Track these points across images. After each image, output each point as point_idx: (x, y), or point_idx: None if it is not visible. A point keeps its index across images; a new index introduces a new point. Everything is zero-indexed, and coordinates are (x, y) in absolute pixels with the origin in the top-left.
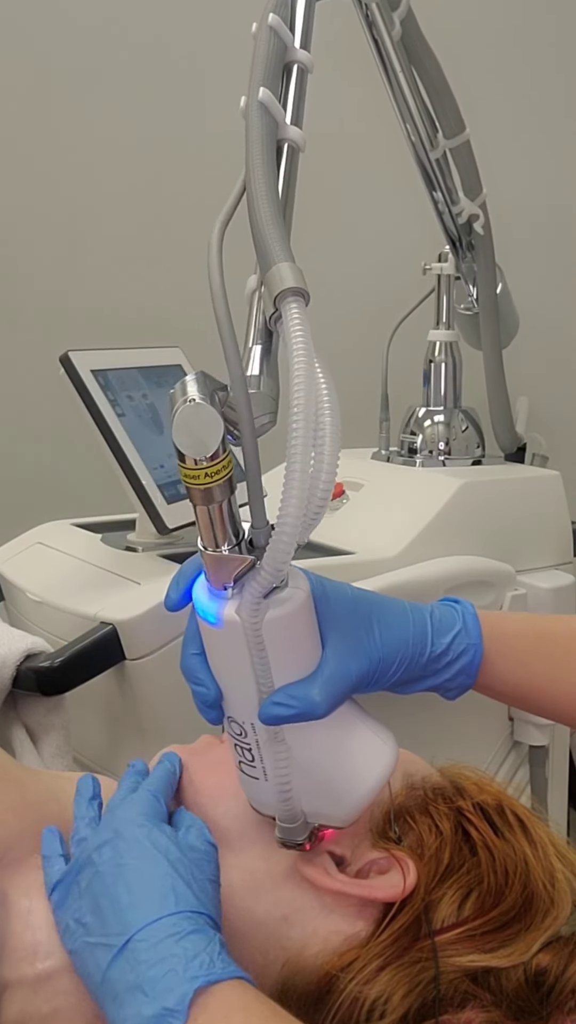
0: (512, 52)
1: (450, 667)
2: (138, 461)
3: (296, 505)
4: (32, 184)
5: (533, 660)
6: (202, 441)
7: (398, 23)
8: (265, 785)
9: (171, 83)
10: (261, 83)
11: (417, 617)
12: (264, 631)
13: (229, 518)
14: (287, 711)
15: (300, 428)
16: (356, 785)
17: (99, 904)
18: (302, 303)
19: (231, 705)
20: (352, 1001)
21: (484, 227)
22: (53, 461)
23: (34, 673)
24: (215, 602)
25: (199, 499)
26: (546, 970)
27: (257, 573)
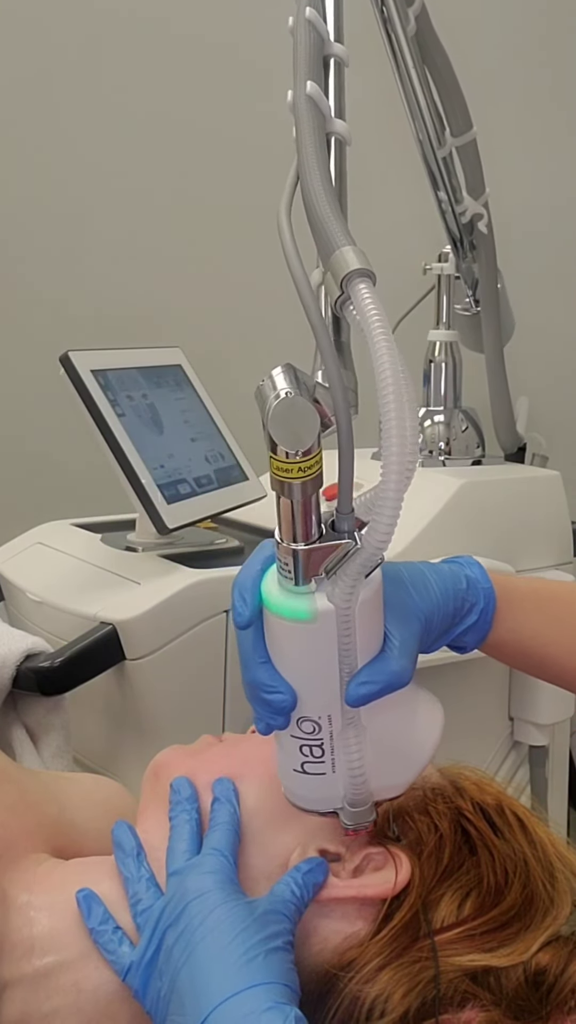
0: (514, 50)
1: (471, 613)
2: (138, 461)
3: (396, 479)
4: (32, 184)
5: (538, 614)
6: (298, 435)
7: (413, 19)
8: (332, 778)
9: (174, 83)
10: (307, 76)
11: (433, 572)
12: (356, 614)
13: (317, 511)
14: (374, 687)
15: (392, 401)
16: (424, 743)
17: (176, 985)
18: (370, 283)
19: (307, 703)
20: (352, 1000)
21: (487, 226)
22: (53, 461)
23: (34, 673)
24: (300, 598)
25: (289, 493)
26: (546, 970)
27: (359, 554)
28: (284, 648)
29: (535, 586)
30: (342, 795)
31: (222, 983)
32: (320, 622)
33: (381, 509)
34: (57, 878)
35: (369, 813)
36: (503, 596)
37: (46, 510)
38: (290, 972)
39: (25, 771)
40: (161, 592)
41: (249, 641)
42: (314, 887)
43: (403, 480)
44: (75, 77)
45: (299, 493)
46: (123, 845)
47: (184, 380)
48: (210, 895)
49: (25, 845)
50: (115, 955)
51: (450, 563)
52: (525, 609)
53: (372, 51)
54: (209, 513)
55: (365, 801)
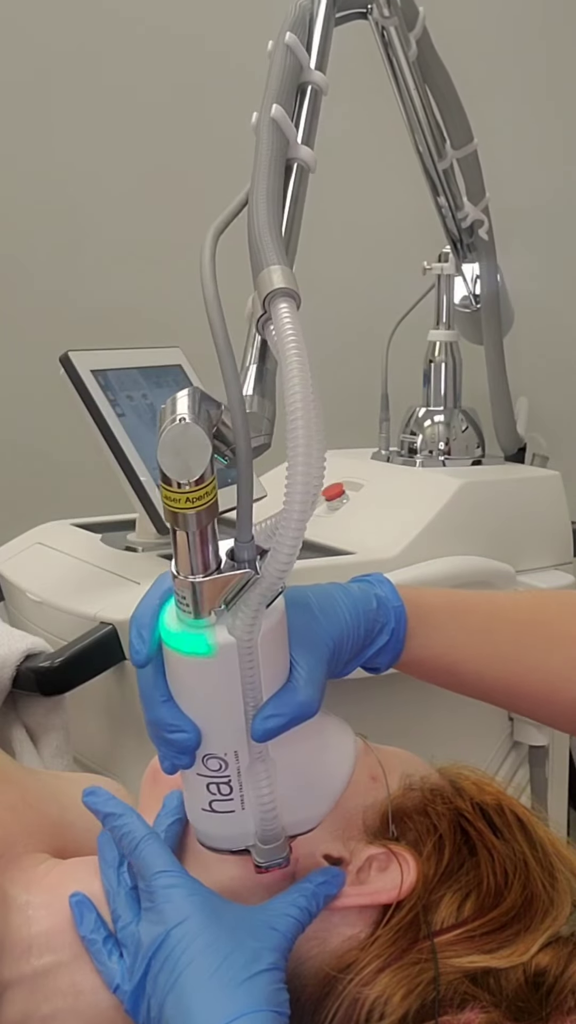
0: (514, 47)
1: (382, 633)
2: (138, 461)
3: (301, 506)
4: (32, 184)
5: (451, 628)
6: (187, 465)
7: (414, 44)
8: (242, 815)
9: (173, 83)
10: (274, 100)
11: (342, 593)
12: (259, 645)
13: (213, 542)
14: (281, 720)
15: (301, 428)
16: (336, 773)
17: (163, 1013)
18: (292, 303)
19: (212, 740)
20: (352, 1002)
21: (487, 232)
22: (53, 461)
23: (34, 673)
24: (200, 632)
25: (183, 524)
26: (546, 970)
27: (258, 584)
28: (186, 685)
29: (451, 600)
30: (253, 832)
31: (207, 1015)
32: (221, 656)
33: (283, 537)
34: (55, 878)
35: (282, 849)
36: (414, 613)
37: (46, 510)
38: (277, 994)
39: (25, 771)
40: None
41: (149, 679)
42: (326, 899)
43: (306, 508)
44: (75, 77)
45: (192, 523)
46: (105, 855)
47: (184, 380)
48: (191, 920)
49: (25, 845)
50: (105, 967)
51: (360, 582)
52: (437, 624)
53: (374, 59)
54: None
55: (278, 837)
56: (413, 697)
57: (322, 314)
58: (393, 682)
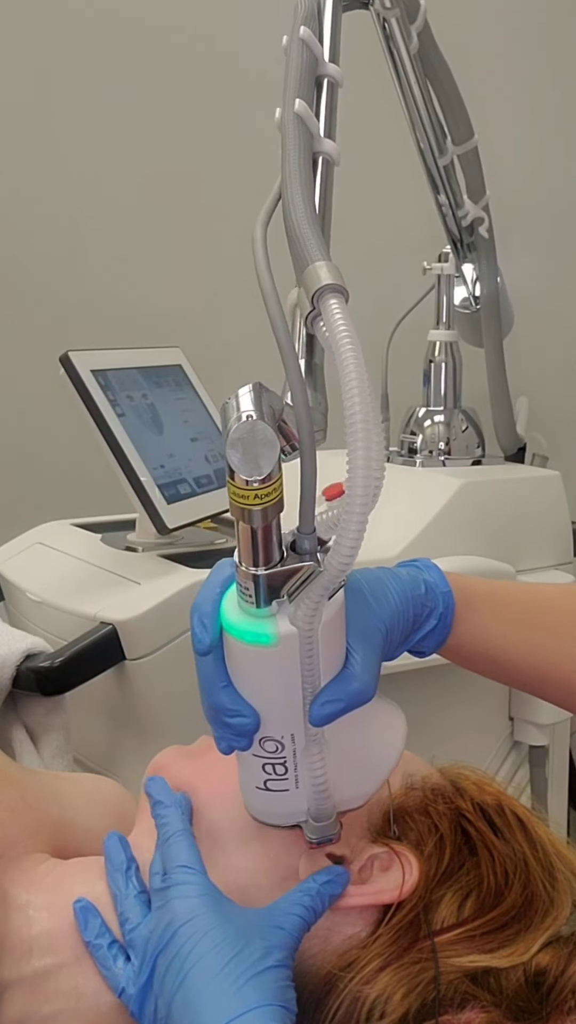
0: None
1: (430, 618)
2: (138, 461)
3: (362, 498)
4: (32, 183)
5: (495, 617)
6: (257, 462)
7: (415, 36)
8: (295, 793)
9: (174, 83)
10: (296, 95)
11: (392, 578)
12: (319, 636)
13: (277, 535)
14: (338, 706)
15: (359, 421)
16: (388, 753)
17: (171, 1012)
18: (342, 299)
19: (270, 724)
20: (352, 1001)
21: (488, 231)
22: (53, 461)
23: (34, 673)
24: (262, 622)
25: (248, 519)
26: (546, 970)
27: (320, 577)
28: (246, 671)
29: (492, 588)
30: (305, 809)
31: (215, 1012)
32: (282, 645)
33: (345, 530)
34: (56, 878)
35: (334, 826)
36: (461, 599)
37: (46, 510)
38: (285, 990)
39: (25, 771)
40: (161, 592)
41: (210, 666)
42: (331, 898)
43: (368, 501)
44: (75, 79)
45: (259, 520)
46: (112, 859)
47: (184, 380)
48: (198, 920)
49: (25, 845)
50: (110, 971)
51: (408, 567)
52: (482, 612)
53: (374, 55)
54: (209, 513)
55: (329, 815)
56: (413, 697)
57: None
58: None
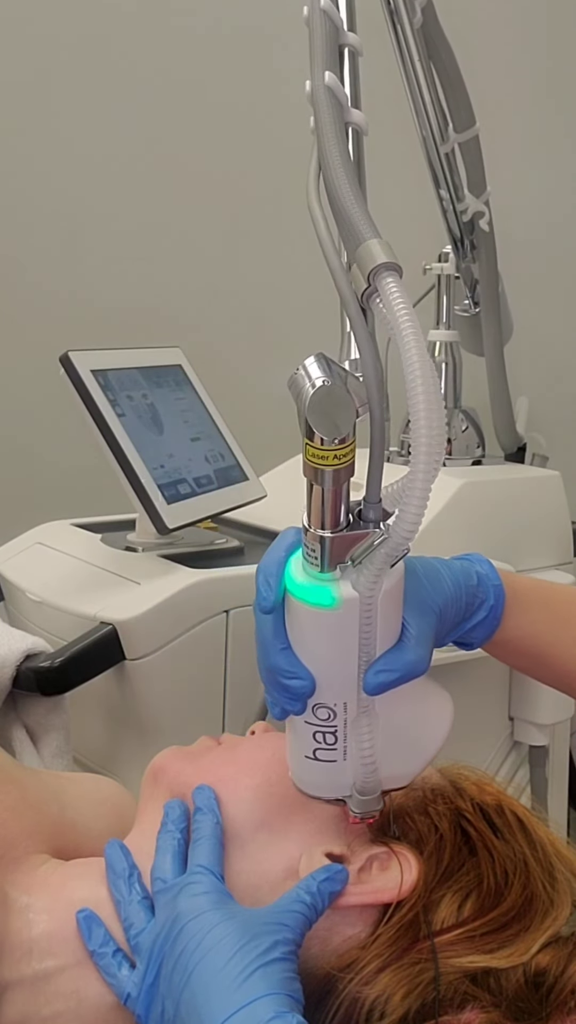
0: (514, 54)
1: (481, 609)
2: (138, 461)
3: (425, 470)
4: (32, 183)
5: (543, 614)
6: (336, 424)
7: (419, 11)
8: (342, 765)
9: (173, 79)
10: (325, 67)
11: (445, 567)
12: (379, 603)
13: (346, 499)
14: (392, 676)
15: (421, 394)
16: (434, 735)
17: (178, 1009)
18: (397, 276)
19: (324, 689)
20: (352, 1002)
21: (488, 223)
22: (53, 461)
23: (34, 673)
24: (325, 585)
25: (323, 480)
26: (546, 970)
27: (384, 545)
28: (305, 634)
29: (539, 585)
30: (350, 783)
31: (223, 1002)
32: (344, 609)
33: (409, 499)
34: (57, 880)
35: (377, 802)
36: (510, 594)
37: (46, 510)
38: (291, 981)
39: (27, 770)
40: (161, 592)
41: (270, 627)
42: (330, 896)
43: (431, 471)
44: (73, 76)
45: (331, 481)
46: (114, 866)
47: (184, 380)
48: (205, 916)
49: (26, 846)
50: (115, 979)
51: (460, 559)
52: (530, 608)
53: (374, 47)
54: (209, 513)
55: (375, 789)
56: None
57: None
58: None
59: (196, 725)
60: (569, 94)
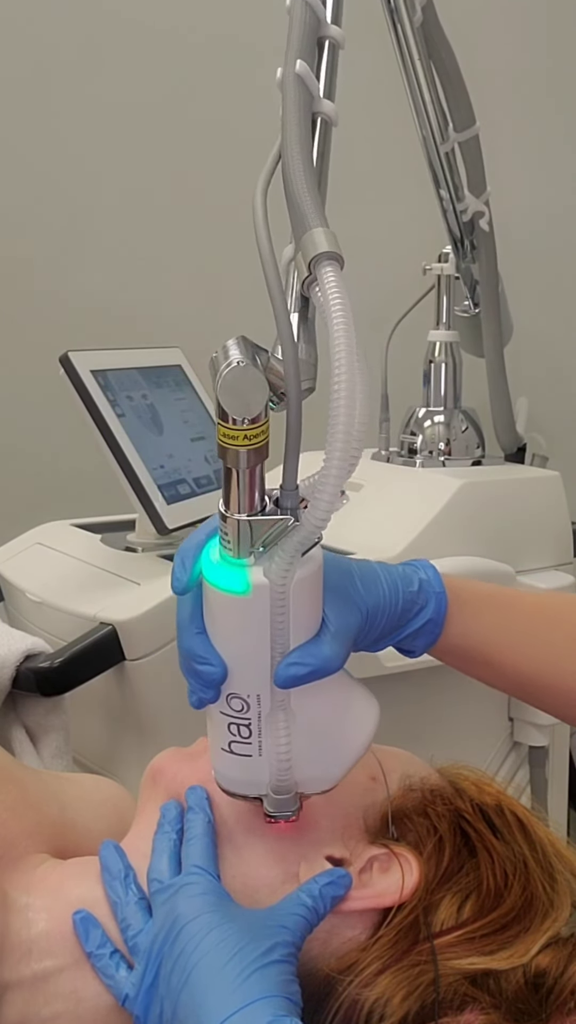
0: (514, 55)
1: (420, 616)
2: (138, 461)
3: (340, 461)
4: (32, 183)
5: (490, 621)
6: (247, 403)
7: (419, 9)
8: (258, 761)
9: (174, 83)
10: (298, 55)
11: (385, 570)
12: (291, 592)
13: (260, 483)
14: (304, 669)
15: (344, 386)
16: (354, 740)
17: (176, 1011)
18: (337, 266)
19: (236, 679)
20: (351, 1004)
21: (488, 223)
22: (53, 461)
23: (34, 674)
24: (237, 571)
25: (234, 461)
26: (546, 972)
27: (296, 531)
28: (218, 620)
29: (492, 592)
30: (267, 781)
31: (221, 1004)
32: (255, 596)
33: (322, 489)
34: (56, 879)
35: (292, 803)
36: (456, 601)
37: (46, 510)
38: (289, 984)
39: (27, 770)
40: (161, 592)
41: (187, 609)
42: (333, 900)
43: (345, 462)
44: (75, 77)
45: (244, 461)
46: (109, 867)
47: (184, 380)
48: (203, 917)
49: (25, 845)
50: (113, 980)
51: (406, 565)
52: (478, 615)
53: (375, 47)
54: (209, 513)
55: (289, 790)
56: (413, 697)
57: None
58: (394, 683)
59: (196, 726)
60: (569, 94)
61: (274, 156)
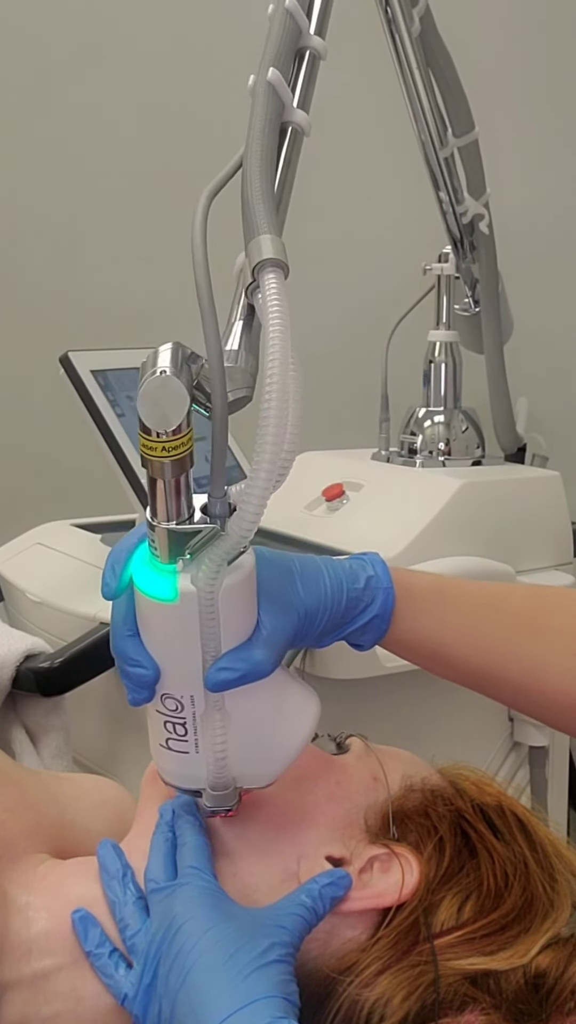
0: (514, 54)
1: (366, 612)
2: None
3: (267, 470)
4: (32, 183)
5: (439, 613)
6: (165, 415)
7: (417, 19)
8: (195, 757)
9: (173, 83)
10: (271, 64)
11: (331, 568)
12: (219, 599)
13: (185, 492)
14: (234, 674)
15: (276, 395)
16: (292, 738)
17: (174, 1010)
18: (280, 274)
19: (169, 681)
20: (351, 1004)
21: (488, 226)
22: (53, 461)
23: (34, 674)
24: (166, 578)
25: (155, 472)
26: (546, 972)
27: (223, 540)
28: (149, 624)
29: (441, 585)
30: (205, 776)
31: (219, 1004)
32: (183, 603)
33: (248, 498)
34: (55, 879)
35: (231, 798)
36: (404, 595)
37: (46, 510)
38: (287, 984)
39: (26, 771)
40: None
41: (120, 613)
42: (332, 901)
43: (273, 472)
44: (74, 77)
45: (167, 472)
46: (107, 867)
47: None
48: (201, 917)
49: (25, 846)
50: (112, 979)
51: (353, 560)
52: (426, 609)
53: (374, 51)
54: None
55: (226, 785)
56: (414, 698)
57: (322, 314)
58: (394, 683)
59: None
60: (568, 95)
61: (235, 162)
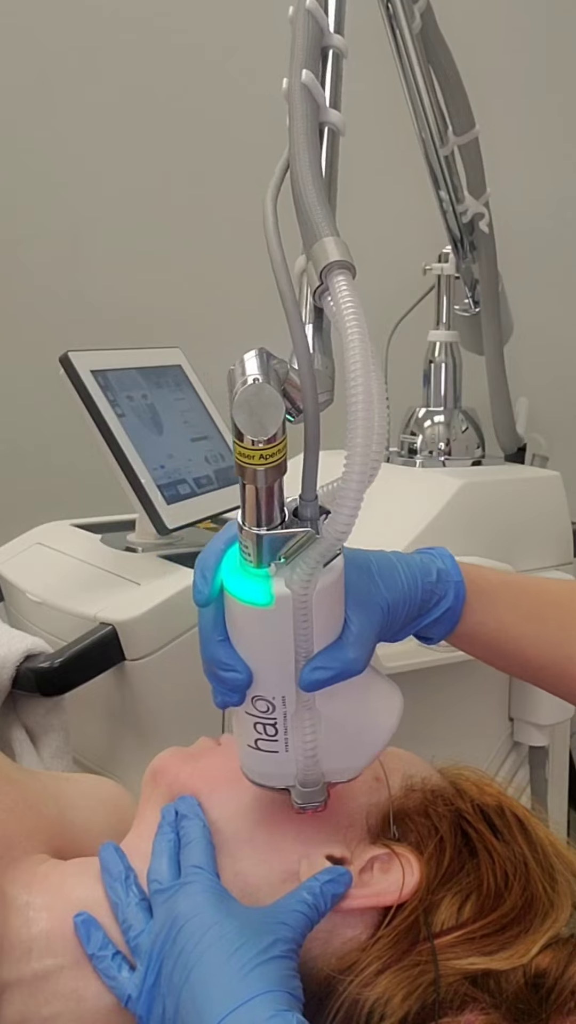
0: (514, 53)
1: (439, 605)
2: (138, 461)
3: (360, 471)
4: (33, 183)
5: (507, 608)
6: (262, 423)
7: (418, 16)
8: (285, 756)
9: (174, 85)
10: (303, 65)
11: (403, 562)
12: (313, 601)
13: (279, 497)
14: (328, 673)
15: (360, 394)
16: (378, 730)
17: (178, 1008)
18: (349, 275)
19: (261, 683)
20: (352, 1003)
21: (488, 225)
22: (53, 461)
23: (34, 674)
24: (259, 582)
25: (250, 479)
26: (546, 972)
27: (318, 543)
28: (242, 629)
29: (506, 580)
30: (294, 773)
31: (223, 999)
32: (277, 607)
33: (343, 501)
34: (55, 878)
35: (320, 794)
36: (473, 589)
37: (46, 510)
38: (291, 979)
39: (25, 771)
40: (161, 592)
41: (209, 619)
42: (333, 898)
43: (366, 472)
44: (76, 78)
45: (262, 480)
46: (109, 868)
47: (184, 380)
48: (203, 915)
49: (25, 846)
50: (115, 981)
51: (423, 554)
52: (495, 603)
53: (374, 50)
54: (209, 513)
55: (316, 782)
56: (414, 697)
57: None
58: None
59: (196, 726)
60: (569, 95)
61: (282, 166)
